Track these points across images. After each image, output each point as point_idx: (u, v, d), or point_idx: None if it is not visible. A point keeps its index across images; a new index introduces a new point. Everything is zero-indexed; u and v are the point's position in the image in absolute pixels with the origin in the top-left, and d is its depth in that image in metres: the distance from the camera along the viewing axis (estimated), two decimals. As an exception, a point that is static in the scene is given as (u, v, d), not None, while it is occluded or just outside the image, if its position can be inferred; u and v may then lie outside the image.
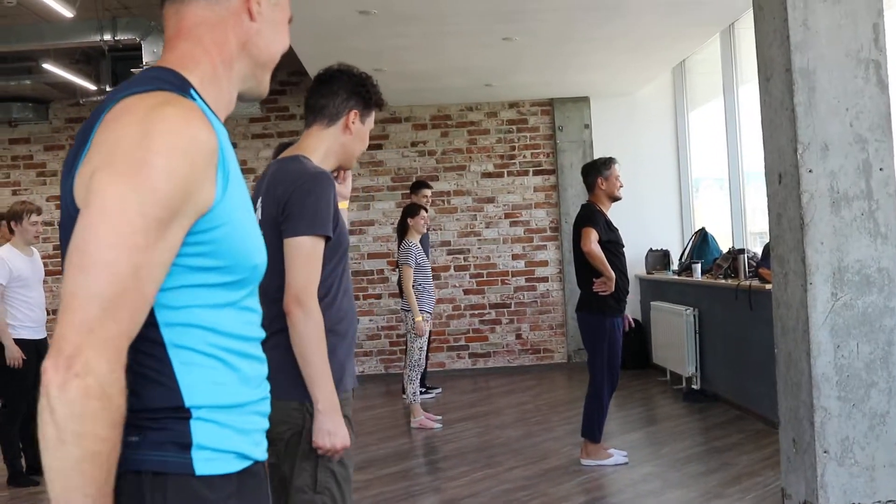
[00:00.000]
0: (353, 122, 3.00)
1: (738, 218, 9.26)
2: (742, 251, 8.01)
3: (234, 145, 10.93)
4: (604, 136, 11.16)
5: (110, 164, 1.36)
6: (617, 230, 6.47)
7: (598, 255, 6.21)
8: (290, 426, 2.81)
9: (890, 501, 4.29)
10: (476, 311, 11.27)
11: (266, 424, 1.63)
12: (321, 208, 2.80)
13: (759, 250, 7.97)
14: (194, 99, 1.48)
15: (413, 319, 7.79)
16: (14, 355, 6.40)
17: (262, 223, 2.77)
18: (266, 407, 1.62)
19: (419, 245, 8.01)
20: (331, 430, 2.77)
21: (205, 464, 1.46)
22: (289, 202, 2.79)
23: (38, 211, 6.70)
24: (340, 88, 3.00)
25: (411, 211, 8.10)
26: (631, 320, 6.78)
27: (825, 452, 4.29)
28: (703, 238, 9.53)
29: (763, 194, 4.78)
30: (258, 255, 1.56)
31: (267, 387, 1.64)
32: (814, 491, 4.32)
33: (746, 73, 8.90)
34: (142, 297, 1.36)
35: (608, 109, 11.28)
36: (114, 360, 1.33)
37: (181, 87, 1.48)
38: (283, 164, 2.96)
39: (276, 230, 2.81)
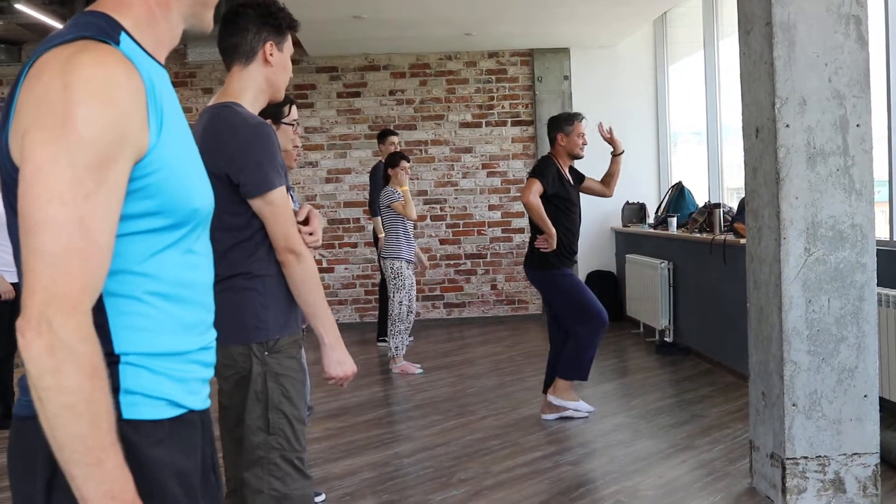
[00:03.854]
0: (270, 54, 2.94)
1: (715, 172, 9.27)
2: (718, 205, 8.03)
3: (209, 91, 10.86)
4: (583, 87, 11.12)
5: (36, 122, 1.35)
6: (573, 187, 6.26)
7: (536, 208, 6.01)
8: (236, 370, 2.88)
9: (855, 454, 4.36)
10: (452, 262, 11.27)
11: (209, 374, 1.63)
12: (274, 160, 2.84)
13: (735, 205, 7.99)
14: (119, 43, 1.45)
15: (399, 259, 7.91)
16: (4, 287, 6.27)
17: None
18: (209, 357, 1.62)
19: (401, 193, 7.92)
20: (340, 359, 2.95)
21: (132, 408, 1.46)
22: (240, 161, 2.79)
23: None
24: (248, 23, 2.93)
25: (392, 161, 7.98)
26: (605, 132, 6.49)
27: (793, 405, 4.34)
28: (679, 192, 9.54)
29: (740, 150, 4.78)
30: (199, 198, 1.54)
31: (212, 335, 1.64)
32: (781, 443, 4.37)
33: (727, 27, 8.86)
34: (95, 245, 1.35)
35: (588, 61, 11.21)
36: (74, 314, 1.32)
37: (107, 31, 1.45)
38: (217, 113, 2.91)
39: (221, 181, 2.77)
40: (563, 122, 6.23)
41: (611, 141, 6.52)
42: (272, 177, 2.81)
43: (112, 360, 1.45)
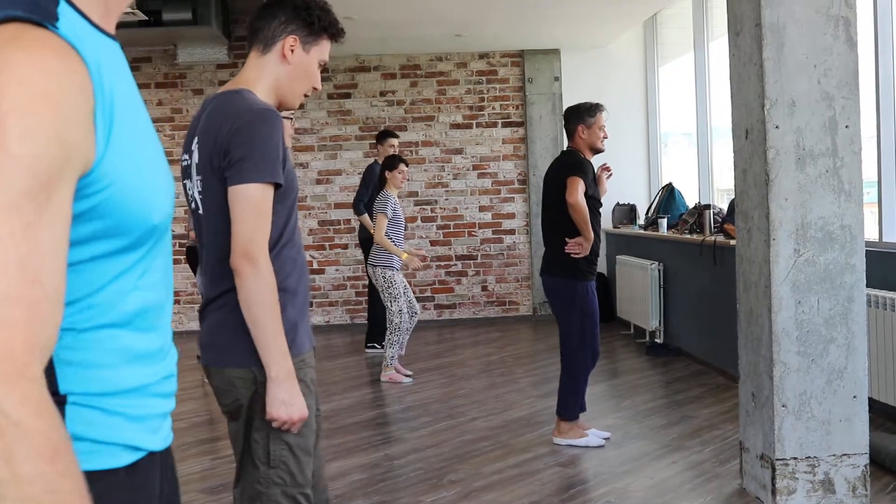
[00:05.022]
0: (290, 50, 2.61)
1: (705, 174, 9.30)
2: (708, 207, 8.05)
3: (199, 91, 10.84)
4: (573, 89, 11.12)
5: None
6: (597, 186, 5.78)
7: (583, 210, 5.45)
8: (236, 396, 2.57)
9: (844, 455, 4.36)
10: (442, 263, 11.27)
11: (170, 406, 1.40)
12: (269, 152, 2.46)
13: (725, 206, 8.01)
14: (57, 19, 1.16)
15: (390, 267, 7.55)
16: None
17: (199, 167, 2.56)
18: (171, 386, 1.39)
19: (397, 199, 7.72)
20: (286, 399, 2.49)
21: (82, 457, 1.18)
22: (232, 144, 2.46)
23: None
24: (280, 11, 2.62)
25: (390, 164, 7.74)
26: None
27: (783, 406, 4.35)
28: (669, 193, 9.56)
29: (730, 151, 4.79)
30: (159, 210, 1.28)
31: (173, 360, 1.41)
32: (771, 444, 4.38)
33: (717, 29, 8.89)
34: (40, 290, 1.06)
35: (579, 62, 11.23)
36: (20, 382, 1.03)
37: (40, 4, 1.15)
38: (224, 98, 2.59)
39: (216, 175, 2.50)
40: (585, 113, 5.71)
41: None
42: (258, 168, 2.44)
43: (57, 401, 1.18)
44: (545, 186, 5.81)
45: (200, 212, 2.59)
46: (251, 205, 2.44)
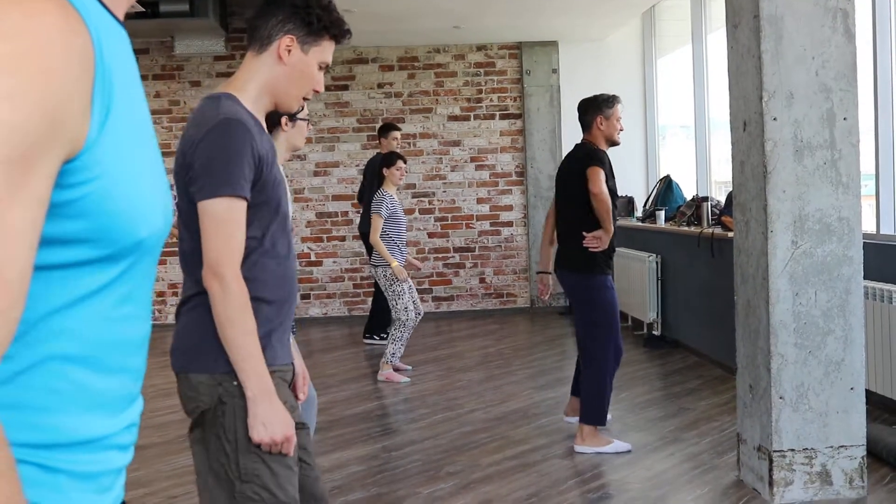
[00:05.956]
0: (286, 51, 2.45)
1: (703, 166, 9.30)
2: (706, 199, 8.04)
3: (197, 83, 10.83)
4: (571, 81, 11.12)
5: None
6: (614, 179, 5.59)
7: (607, 200, 5.31)
8: (199, 404, 2.41)
9: (842, 447, 4.37)
10: (440, 255, 11.27)
11: (128, 459, 1.17)
12: (231, 164, 2.32)
13: (722, 198, 8.01)
14: None
15: (390, 266, 7.36)
16: None
17: (174, 171, 2.44)
18: (131, 437, 1.17)
19: (394, 196, 7.60)
20: (265, 419, 2.32)
21: None
22: (195, 157, 2.34)
23: None
24: (279, 9, 2.47)
25: (388, 160, 7.62)
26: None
27: (780, 398, 4.35)
28: (667, 185, 9.55)
29: (728, 143, 4.79)
30: (148, 223, 1.07)
31: (139, 407, 1.19)
32: (768, 436, 4.39)
33: (715, 21, 8.88)
34: (3, 284, 0.89)
35: (576, 54, 11.22)
36: None
37: None
38: (204, 103, 2.46)
39: (183, 184, 2.38)
40: (603, 104, 5.52)
41: None
42: (220, 183, 2.32)
43: None
44: (560, 180, 5.66)
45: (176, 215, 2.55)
46: (216, 221, 2.32)
